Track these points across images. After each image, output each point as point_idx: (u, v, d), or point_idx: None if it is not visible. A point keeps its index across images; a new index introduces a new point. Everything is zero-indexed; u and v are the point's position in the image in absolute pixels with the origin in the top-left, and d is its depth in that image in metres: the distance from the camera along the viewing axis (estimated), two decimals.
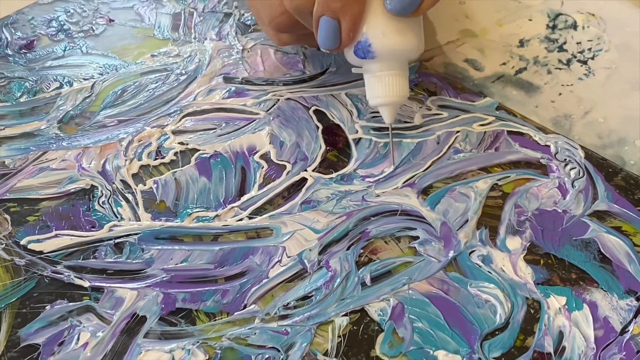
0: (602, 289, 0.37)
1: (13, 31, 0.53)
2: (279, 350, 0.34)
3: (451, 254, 0.39)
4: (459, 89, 0.49)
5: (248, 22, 0.54)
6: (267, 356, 0.34)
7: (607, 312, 0.36)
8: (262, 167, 0.43)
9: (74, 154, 0.44)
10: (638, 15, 0.55)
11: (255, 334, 0.35)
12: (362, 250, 0.39)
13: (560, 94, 0.49)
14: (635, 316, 0.36)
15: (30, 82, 0.48)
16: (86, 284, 0.37)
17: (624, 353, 0.35)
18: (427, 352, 0.34)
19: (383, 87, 0.41)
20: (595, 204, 0.41)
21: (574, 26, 0.54)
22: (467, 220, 0.40)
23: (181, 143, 0.44)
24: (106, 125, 0.46)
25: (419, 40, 0.41)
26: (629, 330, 0.35)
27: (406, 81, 0.42)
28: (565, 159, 0.43)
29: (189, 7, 0.56)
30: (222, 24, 0.54)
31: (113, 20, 0.54)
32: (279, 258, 0.38)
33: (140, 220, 0.40)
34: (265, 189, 0.42)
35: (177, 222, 0.40)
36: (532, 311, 0.36)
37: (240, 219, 0.40)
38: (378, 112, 0.44)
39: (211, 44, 0.52)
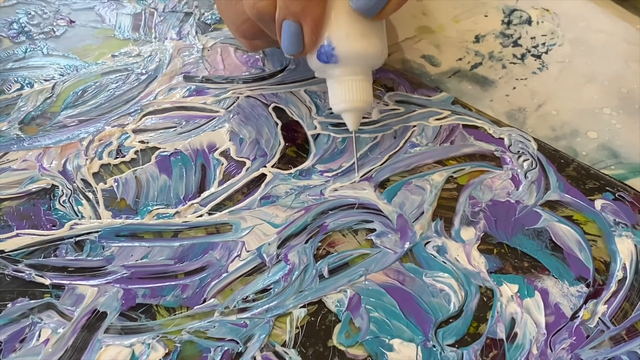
0: (553, 276, 0.38)
1: None
2: (237, 342, 0.35)
3: (407, 245, 0.39)
4: (416, 84, 0.49)
5: (208, 22, 0.55)
6: (226, 348, 0.35)
7: (558, 299, 0.37)
8: (222, 164, 0.44)
9: (35, 154, 0.44)
10: (591, 10, 0.56)
11: (214, 327, 0.36)
12: (320, 244, 0.39)
13: (514, 88, 0.50)
14: (585, 302, 0.37)
15: None
16: (47, 281, 0.37)
17: (574, 338, 0.36)
18: (383, 340, 0.35)
19: (347, 92, 0.41)
20: (547, 194, 0.42)
21: (529, 21, 0.55)
22: (422, 212, 0.41)
23: (142, 142, 0.45)
24: (67, 126, 0.46)
25: (383, 46, 0.41)
26: (579, 316, 0.36)
27: (370, 87, 0.41)
28: (518, 151, 0.44)
29: (150, 7, 0.56)
30: (182, 23, 0.55)
31: (74, 22, 0.55)
32: (239, 252, 0.39)
33: (100, 218, 0.40)
34: (225, 185, 0.42)
35: (137, 220, 0.40)
36: (485, 299, 0.37)
37: (200, 215, 0.41)
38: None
39: (172, 43, 0.53)
